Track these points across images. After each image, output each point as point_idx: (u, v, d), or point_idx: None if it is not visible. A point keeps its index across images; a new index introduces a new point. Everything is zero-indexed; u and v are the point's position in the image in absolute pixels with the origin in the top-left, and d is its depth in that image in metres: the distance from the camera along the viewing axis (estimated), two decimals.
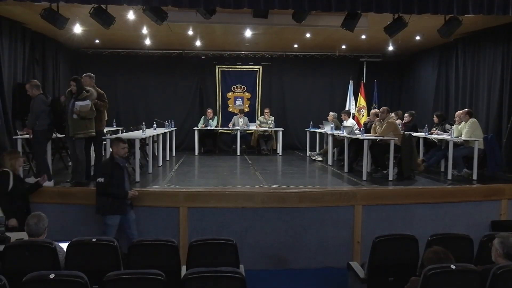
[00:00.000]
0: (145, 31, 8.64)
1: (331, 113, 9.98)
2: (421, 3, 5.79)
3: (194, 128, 10.61)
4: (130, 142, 6.68)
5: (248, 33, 8.88)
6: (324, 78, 12.07)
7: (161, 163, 8.39)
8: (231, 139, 11.08)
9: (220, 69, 11.90)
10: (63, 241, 3.76)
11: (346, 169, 7.64)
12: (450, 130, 7.30)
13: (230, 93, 12.03)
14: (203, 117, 10.96)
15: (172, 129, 9.83)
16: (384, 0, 5.75)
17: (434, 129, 7.94)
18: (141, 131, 7.57)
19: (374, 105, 10.92)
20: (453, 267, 2.97)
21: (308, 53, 11.72)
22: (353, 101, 11.52)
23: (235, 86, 12.02)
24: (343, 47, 10.92)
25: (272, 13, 6.61)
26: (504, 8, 5.86)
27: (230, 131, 11.00)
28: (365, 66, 11.90)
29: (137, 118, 10.93)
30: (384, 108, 7.58)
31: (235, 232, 5.16)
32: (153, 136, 8.23)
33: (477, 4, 5.83)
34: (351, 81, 11.58)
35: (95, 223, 5.07)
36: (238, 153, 10.27)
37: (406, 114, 8.75)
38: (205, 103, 11.82)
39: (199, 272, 2.84)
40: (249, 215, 5.46)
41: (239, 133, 10.37)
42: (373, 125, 7.76)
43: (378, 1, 5.76)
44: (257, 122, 11.08)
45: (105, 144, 6.50)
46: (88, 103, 5.74)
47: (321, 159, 9.41)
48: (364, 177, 6.79)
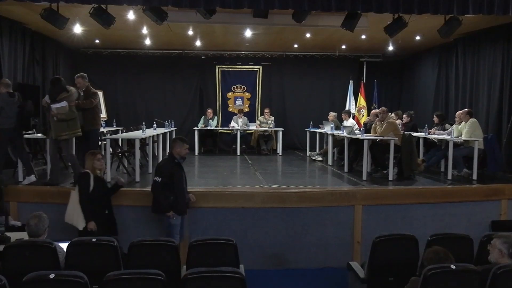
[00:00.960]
0: (145, 31, 8.64)
1: (331, 113, 9.99)
2: (421, 3, 5.79)
3: (194, 128, 10.61)
4: (130, 142, 6.69)
5: (248, 33, 8.88)
6: (324, 78, 12.07)
7: None
8: (231, 139, 11.08)
9: (220, 69, 11.90)
10: (63, 241, 3.77)
11: (346, 169, 7.64)
12: (450, 130, 7.30)
13: (230, 93, 12.03)
14: (203, 117, 10.96)
15: (172, 129, 9.82)
16: (384, 0, 5.75)
17: (434, 129, 7.95)
18: (141, 131, 7.57)
19: (374, 105, 10.92)
20: (453, 267, 2.97)
21: (308, 53, 11.72)
22: (353, 101, 11.51)
23: (235, 86, 12.02)
24: (343, 47, 10.92)
25: (272, 13, 6.62)
26: (504, 8, 5.86)
27: (230, 131, 11.00)
28: (365, 66, 11.90)
29: (137, 118, 10.93)
30: (383, 108, 7.60)
31: (235, 232, 5.16)
32: (153, 136, 8.23)
33: (477, 4, 5.83)
34: (351, 81, 11.57)
35: None
36: (238, 153, 10.27)
37: (405, 115, 8.76)
38: (205, 103, 11.82)
39: (199, 272, 2.84)
40: (249, 215, 5.46)
41: (239, 133, 10.37)
42: (373, 125, 7.77)
43: (378, 1, 5.76)
44: (257, 122, 11.08)
45: (105, 144, 6.49)
46: (64, 104, 5.63)
47: (321, 159, 9.41)
48: (364, 177, 6.79)
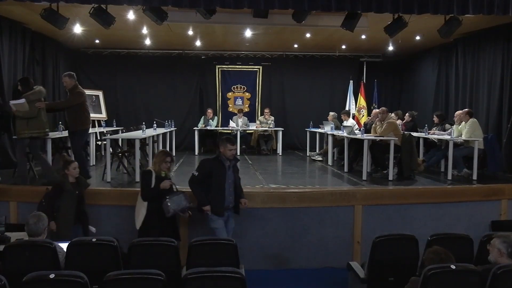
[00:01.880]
0: (145, 31, 8.64)
1: (331, 113, 9.98)
2: (421, 3, 5.79)
3: (194, 128, 10.61)
4: (130, 142, 6.67)
5: (248, 33, 8.88)
6: (324, 78, 12.07)
7: None
8: None
9: (220, 69, 11.90)
10: (63, 241, 3.77)
11: (346, 169, 7.64)
12: (450, 130, 7.30)
13: (230, 93, 12.03)
14: (203, 117, 10.96)
15: (172, 129, 9.83)
16: (384, 0, 5.75)
17: (434, 129, 7.95)
18: (141, 131, 7.57)
19: (374, 105, 10.91)
20: (453, 267, 2.97)
21: (308, 53, 11.72)
22: (353, 101, 11.51)
23: (235, 86, 12.02)
24: (343, 47, 10.92)
25: (272, 13, 6.61)
26: (504, 8, 5.86)
27: (230, 131, 10.99)
28: (365, 66, 11.90)
29: (137, 118, 10.94)
30: (383, 108, 7.59)
31: (235, 232, 5.16)
32: (153, 136, 8.22)
33: (477, 4, 5.82)
34: (351, 81, 11.57)
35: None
36: (238, 153, 10.25)
37: (407, 114, 8.76)
38: (205, 103, 11.82)
39: (199, 272, 2.84)
40: (249, 215, 5.46)
41: (239, 133, 10.37)
42: (373, 125, 7.77)
43: (378, 1, 5.75)
44: (257, 122, 11.08)
45: (104, 144, 6.48)
46: (22, 101, 5.59)
47: (321, 159, 9.41)
48: (364, 177, 6.79)
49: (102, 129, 9.58)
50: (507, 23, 7.36)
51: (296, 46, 10.83)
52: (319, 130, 9.72)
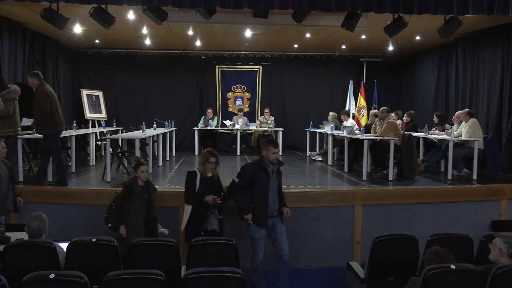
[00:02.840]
0: (145, 31, 8.64)
1: (331, 113, 9.98)
2: (421, 3, 5.79)
3: (194, 128, 10.61)
4: (130, 142, 6.66)
5: (248, 33, 8.88)
6: (324, 78, 12.08)
7: (161, 163, 8.38)
8: (231, 139, 11.07)
9: (220, 69, 11.90)
10: (63, 241, 3.76)
11: (346, 169, 7.64)
12: (450, 130, 7.30)
13: (230, 93, 12.03)
14: (203, 117, 10.96)
15: (172, 129, 9.82)
16: (384, 0, 5.75)
17: (434, 129, 7.95)
18: (141, 131, 7.57)
19: (374, 105, 10.92)
20: (453, 267, 2.97)
21: (308, 53, 11.72)
22: (353, 101, 11.51)
23: (235, 86, 12.02)
24: (343, 47, 10.92)
25: (272, 13, 6.61)
26: (504, 8, 5.86)
27: (230, 131, 11.00)
28: (365, 66, 11.91)
29: (137, 118, 10.94)
30: (384, 108, 7.58)
31: (235, 232, 5.15)
32: (153, 136, 8.23)
33: (477, 4, 5.83)
34: (351, 81, 11.57)
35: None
36: (238, 153, 10.27)
37: (405, 115, 8.76)
38: (205, 103, 11.82)
39: (199, 272, 2.84)
40: None
41: (239, 133, 10.37)
42: (373, 125, 7.76)
43: (378, 1, 5.76)
44: (257, 122, 11.08)
45: (104, 144, 6.46)
46: None
47: (321, 159, 9.41)
48: (364, 177, 6.79)
49: (102, 129, 9.59)
50: (507, 23, 7.37)
51: (296, 46, 10.84)
52: (319, 130, 9.72)
